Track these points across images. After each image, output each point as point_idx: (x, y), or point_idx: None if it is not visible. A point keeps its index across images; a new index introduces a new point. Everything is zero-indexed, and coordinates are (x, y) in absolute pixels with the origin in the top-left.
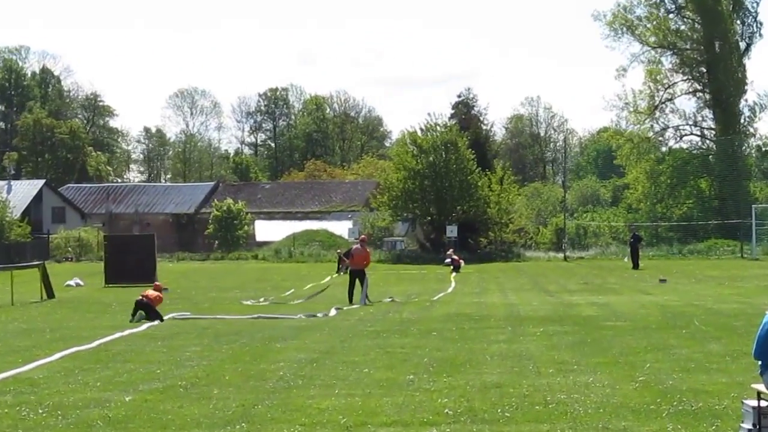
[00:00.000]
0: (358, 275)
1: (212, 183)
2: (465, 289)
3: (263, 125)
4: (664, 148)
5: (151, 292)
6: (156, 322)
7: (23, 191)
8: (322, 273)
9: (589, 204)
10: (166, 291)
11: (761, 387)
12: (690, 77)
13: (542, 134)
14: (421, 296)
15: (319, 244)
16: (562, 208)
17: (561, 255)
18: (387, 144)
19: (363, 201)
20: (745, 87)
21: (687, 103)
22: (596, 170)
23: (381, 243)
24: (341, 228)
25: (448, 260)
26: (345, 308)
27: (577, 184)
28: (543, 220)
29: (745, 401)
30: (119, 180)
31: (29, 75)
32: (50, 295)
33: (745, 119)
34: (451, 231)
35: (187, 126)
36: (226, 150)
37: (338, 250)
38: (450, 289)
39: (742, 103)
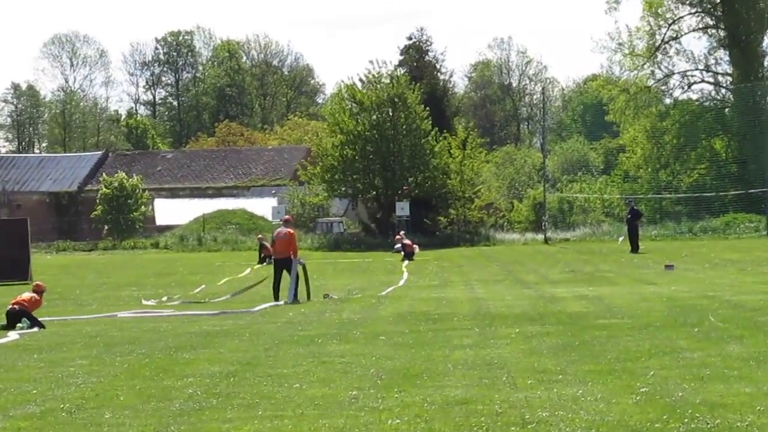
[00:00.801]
0: (283, 265)
1: (99, 153)
2: (420, 281)
3: (163, 79)
4: (668, 100)
5: (25, 295)
6: (35, 330)
7: None
8: (240, 264)
9: (576, 172)
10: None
11: None
12: (699, 10)
13: (515, 85)
14: (365, 291)
15: (236, 228)
16: (541, 177)
17: (541, 237)
18: (319, 101)
19: (290, 173)
20: None
21: (696, 43)
22: (583, 129)
23: (314, 225)
24: (263, 207)
25: (398, 246)
26: (269, 306)
27: (560, 146)
28: (518, 193)
29: None
30: None
31: None
32: None
33: None
34: (402, 209)
35: (67, 81)
36: (117, 111)
37: (259, 236)
38: (402, 282)
39: (766, 41)
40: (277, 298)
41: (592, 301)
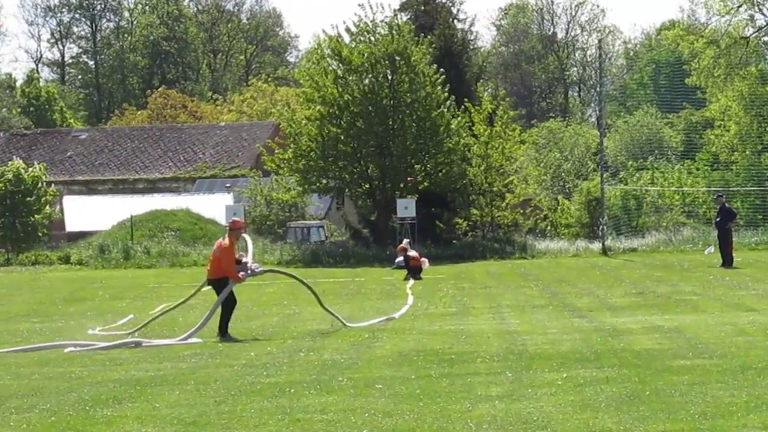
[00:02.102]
0: (216, 287)
1: None
2: (431, 308)
3: (74, 30)
4: None
5: None
6: None
7: None
8: (182, 285)
9: (646, 156)
10: None
11: None
12: None
13: (561, 37)
14: (355, 322)
15: (177, 236)
16: (597, 164)
17: (597, 246)
18: (291, 59)
19: (251, 159)
20: None
21: None
22: (656, 97)
23: (284, 232)
24: (214, 206)
25: (400, 259)
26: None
27: (624, 121)
28: (565, 186)
29: None
30: None
31: None
32: None
33: None
34: (406, 208)
35: None
36: (10, 75)
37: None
38: (406, 309)
39: None
40: (222, 335)
41: (669, 334)
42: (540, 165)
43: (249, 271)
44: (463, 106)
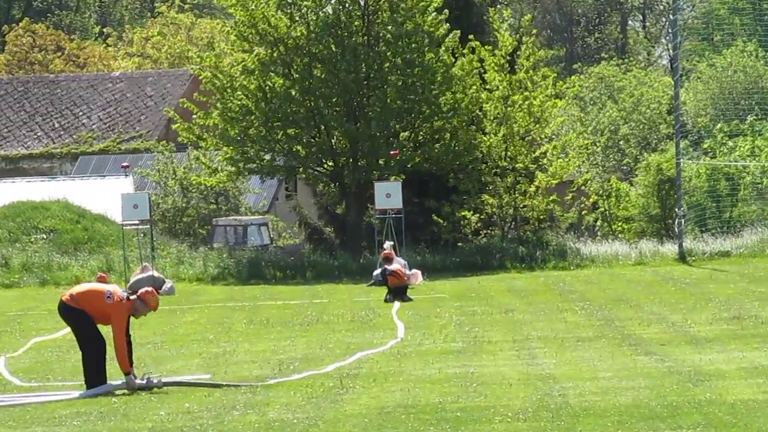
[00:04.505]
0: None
1: None
2: (427, 342)
3: None
4: None
5: None
6: None
7: None
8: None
9: (743, 116)
10: None
11: None
12: None
13: None
14: (316, 364)
15: (50, 239)
16: (671, 127)
17: (671, 249)
18: None
19: (159, 126)
20: None
21: None
22: (757, 28)
23: (209, 233)
24: (105, 195)
25: (378, 271)
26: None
27: (710, 65)
28: (622, 162)
29: None
30: None
31: None
32: None
33: None
34: (389, 196)
35: None
36: None
37: (144, 264)
38: (391, 345)
39: None
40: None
41: None
42: (586, 130)
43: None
44: (470, 45)
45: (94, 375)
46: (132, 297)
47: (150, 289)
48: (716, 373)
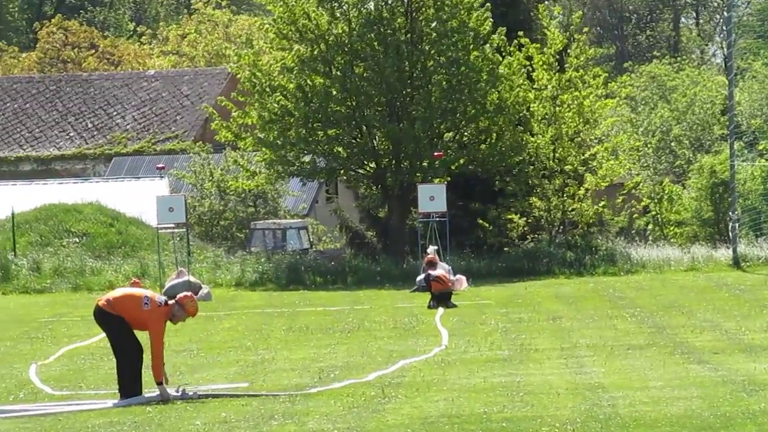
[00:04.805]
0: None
1: None
2: (471, 350)
3: None
4: None
5: None
6: None
7: None
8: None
9: None
10: None
11: None
12: None
13: None
14: (358, 373)
15: (83, 243)
16: (725, 128)
17: (725, 254)
18: None
19: (195, 126)
20: None
21: None
22: None
23: (247, 237)
24: (139, 198)
25: (422, 276)
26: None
27: (762, 66)
28: (675, 164)
29: None
30: None
31: None
32: None
33: None
34: (433, 199)
35: None
36: None
37: (180, 269)
38: (435, 353)
39: None
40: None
41: None
42: (638, 131)
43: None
44: (517, 42)
45: (130, 384)
46: (170, 302)
47: (189, 293)
48: None
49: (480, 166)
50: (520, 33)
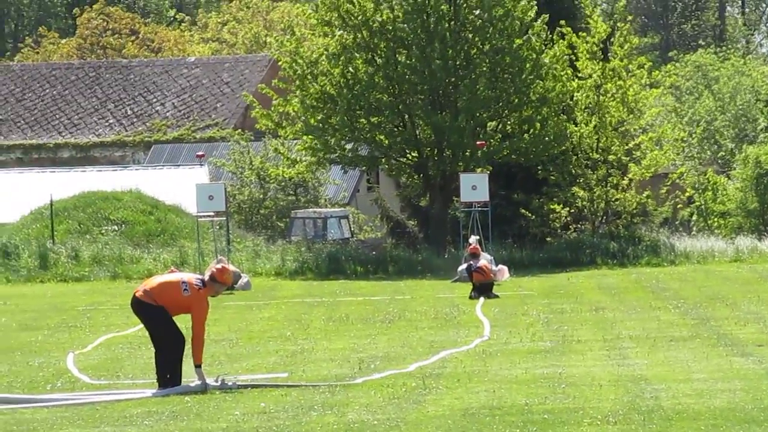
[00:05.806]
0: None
1: None
2: (513, 341)
3: None
4: None
5: None
6: None
7: None
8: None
9: None
10: None
11: None
12: None
13: None
14: (398, 363)
15: (122, 231)
16: None
17: None
18: None
19: (236, 114)
20: None
21: None
22: None
23: (288, 226)
24: (179, 185)
25: (463, 267)
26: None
27: None
28: (719, 154)
29: None
30: None
31: None
32: None
33: None
34: (475, 188)
35: None
36: None
37: (220, 258)
38: (476, 343)
39: None
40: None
41: None
42: (682, 121)
43: (219, 381)
44: (560, 31)
45: (169, 375)
46: (206, 281)
47: (219, 266)
48: None
49: (523, 156)
50: (563, 22)
